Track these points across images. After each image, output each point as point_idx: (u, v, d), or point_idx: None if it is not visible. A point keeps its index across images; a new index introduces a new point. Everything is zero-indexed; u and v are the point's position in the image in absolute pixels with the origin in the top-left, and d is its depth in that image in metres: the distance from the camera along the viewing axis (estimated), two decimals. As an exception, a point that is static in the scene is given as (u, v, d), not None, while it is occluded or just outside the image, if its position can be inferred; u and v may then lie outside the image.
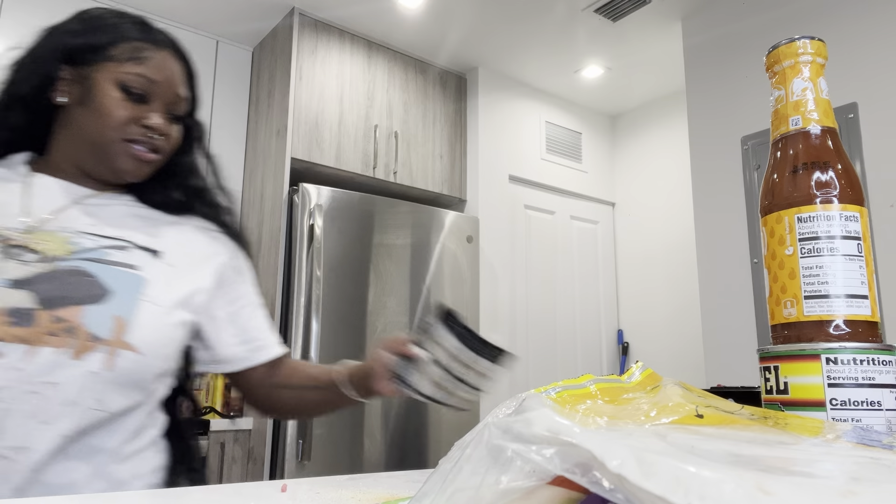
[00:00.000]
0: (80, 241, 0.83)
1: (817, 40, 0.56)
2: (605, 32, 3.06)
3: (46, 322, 0.75)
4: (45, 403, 0.73)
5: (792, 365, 0.51)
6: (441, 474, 0.30)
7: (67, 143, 0.89)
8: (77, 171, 0.90)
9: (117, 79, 0.86)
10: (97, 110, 0.85)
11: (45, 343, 0.74)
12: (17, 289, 0.75)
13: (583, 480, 0.24)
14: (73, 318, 0.76)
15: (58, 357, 0.74)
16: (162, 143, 0.90)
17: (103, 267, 0.82)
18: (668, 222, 3.54)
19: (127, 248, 0.86)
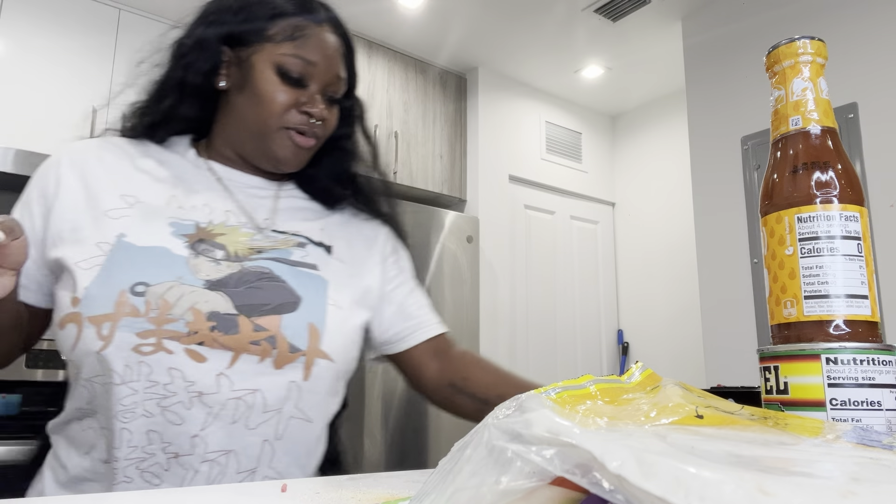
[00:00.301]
0: (260, 238, 0.82)
1: (817, 40, 0.56)
2: (605, 32, 3.06)
3: (248, 330, 0.73)
4: (249, 410, 0.72)
5: (792, 365, 0.51)
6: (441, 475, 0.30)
7: (229, 129, 0.86)
8: (238, 158, 0.88)
9: (274, 61, 0.82)
10: (256, 96, 0.82)
11: (248, 351, 0.73)
12: (213, 290, 0.74)
13: (583, 481, 0.24)
14: (273, 327, 0.75)
15: (260, 367, 0.73)
16: (320, 129, 0.86)
17: (289, 269, 0.80)
18: (668, 222, 3.54)
19: (304, 246, 0.84)
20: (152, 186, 0.81)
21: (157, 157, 0.86)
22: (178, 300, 0.71)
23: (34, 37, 2.52)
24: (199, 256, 0.76)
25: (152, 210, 0.79)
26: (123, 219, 0.76)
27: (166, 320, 0.70)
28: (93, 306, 0.70)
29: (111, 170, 0.81)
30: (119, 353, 0.69)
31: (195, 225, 0.79)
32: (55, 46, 2.55)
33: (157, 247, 0.75)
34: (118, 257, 0.73)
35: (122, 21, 2.70)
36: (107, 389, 0.70)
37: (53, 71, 2.53)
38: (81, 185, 0.80)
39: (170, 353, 0.70)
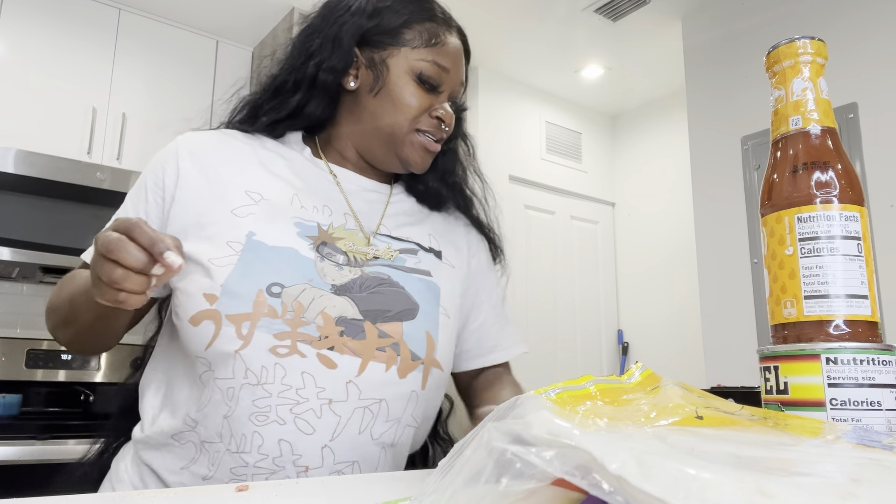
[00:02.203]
0: (377, 243, 0.82)
1: (817, 40, 0.56)
2: (605, 32, 3.06)
3: (374, 336, 0.73)
4: (374, 420, 0.72)
5: (792, 365, 0.51)
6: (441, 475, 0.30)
7: (353, 129, 0.86)
8: (359, 159, 0.88)
9: (412, 67, 0.82)
10: (391, 100, 0.82)
11: (375, 358, 0.72)
12: (339, 295, 0.74)
13: (583, 483, 0.24)
14: (396, 334, 0.75)
15: (387, 376, 0.73)
16: (445, 135, 0.87)
17: (405, 275, 0.80)
18: (668, 222, 3.54)
19: (416, 252, 0.85)
20: (275, 183, 0.81)
21: (277, 152, 0.85)
22: (310, 303, 0.71)
23: (34, 37, 2.52)
24: (325, 260, 0.76)
25: (277, 208, 0.78)
26: (250, 217, 0.76)
27: (300, 323, 0.70)
28: (231, 304, 0.69)
29: (232, 164, 0.81)
30: (257, 354, 0.68)
31: (318, 227, 0.79)
32: (55, 46, 2.55)
33: (287, 248, 0.75)
34: (251, 256, 0.72)
35: (122, 21, 2.70)
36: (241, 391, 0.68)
37: (53, 71, 2.53)
38: (204, 179, 0.79)
39: (303, 356, 0.69)
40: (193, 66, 2.87)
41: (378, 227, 0.84)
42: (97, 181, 2.40)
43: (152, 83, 2.73)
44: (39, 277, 2.49)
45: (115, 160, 2.57)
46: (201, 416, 0.71)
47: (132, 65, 2.70)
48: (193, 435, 0.72)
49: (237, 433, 0.69)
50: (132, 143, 2.62)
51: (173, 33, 2.82)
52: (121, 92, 2.65)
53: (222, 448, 0.69)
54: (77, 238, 2.34)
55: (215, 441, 0.70)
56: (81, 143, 2.53)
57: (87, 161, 2.47)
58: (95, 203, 2.39)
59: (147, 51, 2.74)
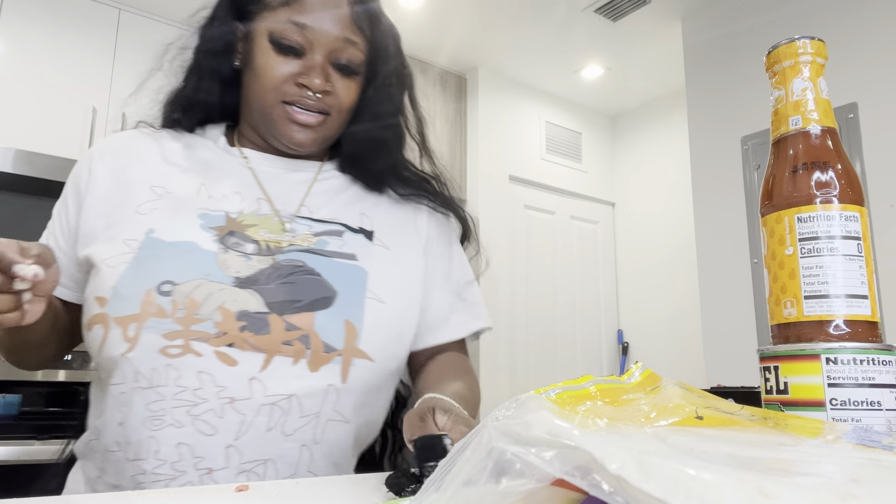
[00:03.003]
0: (294, 228, 0.76)
1: (817, 40, 0.56)
2: (605, 32, 3.06)
3: (280, 330, 0.68)
4: (285, 416, 0.67)
5: (792, 365, 0.51)
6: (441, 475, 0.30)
7: (248, 111, 0.81)
8: (264, 142, 0.82)
9: (268, 30, 0.75)
10: (255, 71, 0.76)
11: (281, 353, 0.68)
12: (243, 288, 0.69)
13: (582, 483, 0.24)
14: (306, 325, 0.69)
15: (295, 369, 0.68)
16: (328, 102, 0.77)
17: (324, 260, 0.74)
18: (668, 222, 3.54)
19: (342, 234, 0.78)
20: (181, 176, 0.78)
21: (188, 144, 0.82)
22: (205, 299, 0.67)
23: (34, 37, 2.52)
24: (229, 251, 0.71)
25: (181, 201, 0.75)
26: (153, 213, 0.73)
27: (194, 320, 0.67)
28: (119, 307, 0.67)
29: (141, 161, 0.78)
30: (145, 356, 0.65)
31: (225, 216, 0.74)
32: (55, 46, 2.55)
33: (186, 242, 0.71)
34: (146, 254, 0.69)
35: (122, 21, 2.70)
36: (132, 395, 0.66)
37: (53, 71, 2.53)
38: (112, 180, 0.77)
39: (199, 355, 0.66)
40: (193, 66, 2.87)
41: (298, 210, 0.79)
42: (97, 181, 2.40)
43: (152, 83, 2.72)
44: (39, 277, 2.48)
45: (115, 160, 2.56)
46: (101, 423, 0.69)
47: (132, 65, 2.70)
48: (98, 444, 0.70)
49: (133, 440, 0.66)
50: (132, 143, 2.62)
51: (173, 33, 2.82)
52: (121, 92, 2.65)
53: (121, 457, 0.67)
54: (77, 238, 2.34)
55: (114, 450, 0.67)
56: (81, 143, 2.52)
57: (87, 161, 2.47)
58: (95, 203, 2.39)
59: (147, 51, 2.73)
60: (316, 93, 0.76)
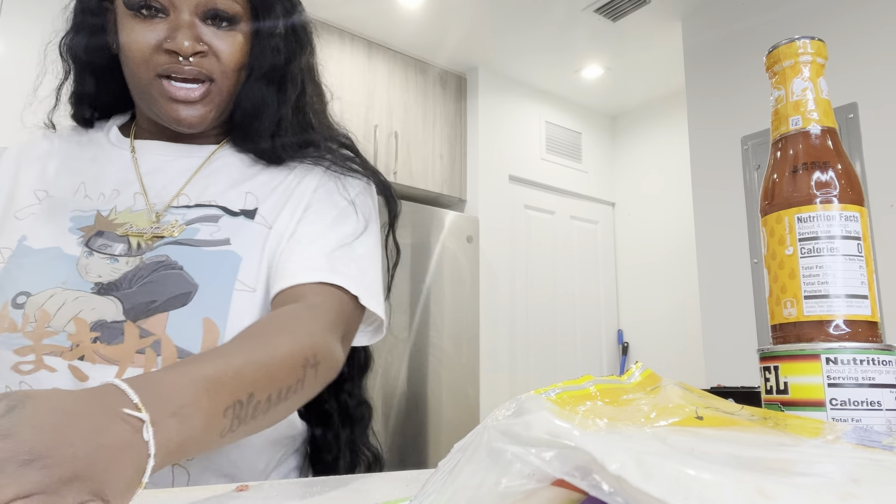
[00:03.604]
0: (168, 219, 0.69)
1: (817, 40, 0.56)
2: (605, 32, 3.06)
3: (134, 338, 0.62)
4: None
5: (792, 365, 0.51)
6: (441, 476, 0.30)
7: (133, 97, 0.73)
8: (157, 128, 0.74)
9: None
10: (122, 49, 0.67)
11: (133, 363, 0.61)
12: (103, 295, 0.63)
13: (582, 483, 0.24)
14: (158, 329, 0.62)
15: None
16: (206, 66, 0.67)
17: (191, 251, 0.67)
18: (668, 222, 3.54)
19: (218, 218, 0.70)
20: (63, 177, 0.73)
21: (80, 142, 0.77)
22: (58, 310, 0.62)
23: (34, 36, 2.52)
24: (94, 255, 0.65)
25: (58, 204, 0.70)
26: (29, 218, 0.69)
27: (46, 334, 0.61)
28: None
29: (30, 165, 0.74)
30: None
31: (95, 215, 0.68)
32: (55, 46, 2.55)
33: (51, 248, 0.66)
34: (13, 264, 0.65)
35: (122, 21, 2.70)
36: None
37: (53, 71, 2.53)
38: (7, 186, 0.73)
39: (52, 370, 0.61)
40: (193, 66, 2.87)
41: (175, 200, 0.71)
42: (97, 181, 2.40)
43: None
44: (39, 277, 2.48)
45: (115, 160, 2.57)
46: None
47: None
48: None
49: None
50: (132, 143, 2.62)
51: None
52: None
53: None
54: (77, 238, 2.34)
55: None
56: (81, 144, 2.53)
57: (87, 161, 2.47)
58: (95, 203, 2.39)
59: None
60: (188, 56, 0.66)
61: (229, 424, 0.47)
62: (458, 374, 2.93)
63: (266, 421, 0.53)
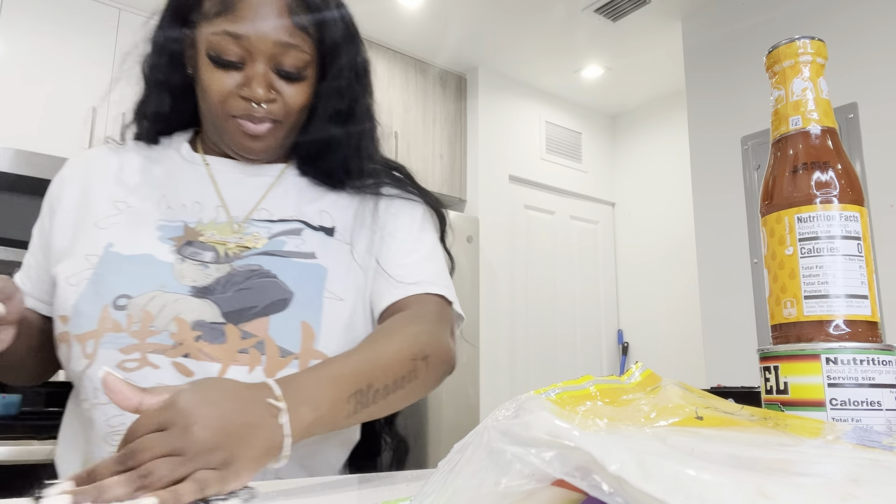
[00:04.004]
0: (251, 231, 0.75)
1: (817, 40, 0.56)
2: (605, 32, 3.06)
3: (236, 339, 0.67)
4: None
5: (792, 365, 0.51)
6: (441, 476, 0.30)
7: (203, 120, 0.80)
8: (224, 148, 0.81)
9: (205, 43, 0.72)
10: (200, 85, 0.74)
11: (236, 362, 0.66)
12: (200, 297, 0.68)
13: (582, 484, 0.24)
14: (261, 331, 0.68)
15: (250, 377, 0.66)
16: (275, 110, 0.74)
17: (281, 261, 0.73)
18: (668, 222, 3.54)
19: (301, 232, 0.76)
20: (142, 189, 0.78)
21: (150, 156, 0.82)
22: (160, 311, 0.67)
23: (34, 37, 2.52)
24: (186, 261, 0.71)
25: (141, 214, 0.75)
26: (113, 227, 0.73)
27: (149, 333, 0.66)
28: (79, 324, 0.67)
29: (104, 177, 0.79)
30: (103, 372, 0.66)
31: (183, 226, 0.74)
32: (55, 46, 2.55)
33: (143, 255, 0.70)
34: (104, 269, 0.69)
35: (122, 21, 2.70)
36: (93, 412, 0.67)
37: (53, 71, 2.53)
38: (79, 197, 0.77)
39: (156, 367, 0.65)
40: (193, 66, 2.87)
41: (255, 213, 0.77)
42: (97, 181, 2.40)
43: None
44: (39, 277, 2.48)
45: (115, 160, 2.57)
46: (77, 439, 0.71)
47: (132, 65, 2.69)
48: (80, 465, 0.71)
49: (96, 457, 0.66)
50: (132, 143, 2.62)
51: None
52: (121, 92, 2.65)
53: None
54: (77, 238, 2.34)
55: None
56: (81, 143, 2.52)
57: (87, 161, 2.47)
58: (95, 203, 2.39)
59: (147, 51, 2.74)
60: (260, 104, 0.73)
61: (353, 408, 0.60)
62: (458, 374, 2.93)
63: (387, 406, 0.64)
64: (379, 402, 0.63)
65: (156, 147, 0.83)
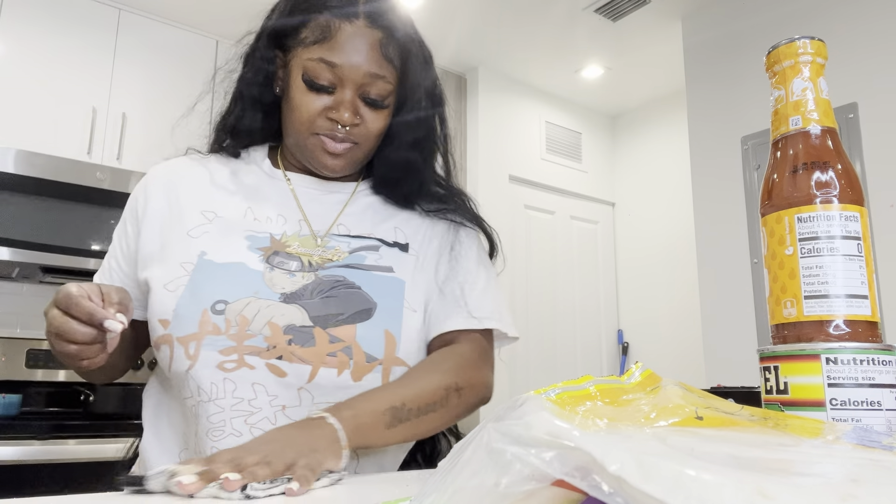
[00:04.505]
0: (332, 244, 0.82)
1: (817, 40, 0.56)
2: (605, 32, 3.06)
3: (324, 342, 0.73)
4: None
5: (792, 365, 0.51)
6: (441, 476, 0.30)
7: (286, 136, 0.86)
8: (302, 165, 0.87)
9: (301, 68, 0.79)
10: (290, 105, 0.81)
11: (326, 364, 0.73)
12: (289, 303, 0.74)
13: (582, 484, 0.24)
14: (349, 337, 0.74)
15: (339, 380, 0.73)
16: (356, 133, 0.81)
17: (363, 274, 0.79)
18: (668, 222, 3.54)
19: (378, 248, 0.83)
20: (229, 200, 0.83)
21: (234, 169, 0.87)
22: (255, 315, 0.73)
23: (34, 37, 2.52)
24: (275, 270, 0.77)
25: (230, 224, 0.80)
26: (204, 236, 0.78)
27: (246, 336, 0.72)
28: (181, 327, 0.72)
29: (192, 187, 0.84)
30: (205, 371, 0.71)
31: (269, 237, 0.80)
32: (55, 46, 2.55)
33: (235, 263, 0.76)
34: (200, 276, 0.75)
35: (122, 21, 2.70)
36: (198, 409, 0.72)
37: (53, 71, 2.53)
38: (167, 205, 0.82)
39: (252, 368, 0.71)
40: (193, 66, 2.87)
41: (332, 228, 0.84)
42: (97, 181, 2.40)
43: (152, 83, 2.73)
44: (39, 277, 2.49)
45: (115, 160, 2.57)
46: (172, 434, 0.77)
47: (132, 65, 2.70)
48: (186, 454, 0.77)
49: (199, 451, 0.72)
50: (132, 143, 2.62)
51: (173, 33, 2.82)
52: (121, 92, 2.65)
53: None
54: (77, 238, 2.34)
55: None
56: (81, 143, 2.53)
57: (87, 161, 2.47)
58: (95, 203, 2.39)
59: (147, 51, 2.74)
60: (345, 126, 0.80)
61: (389, 420, 0.68)
62: (458, 374, 2.92)
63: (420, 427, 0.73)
64: (412, 421, 0.71)
65: (233, 160, 0.89)
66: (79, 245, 2.35)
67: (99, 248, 2.38)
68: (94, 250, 2.37)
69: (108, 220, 2.41)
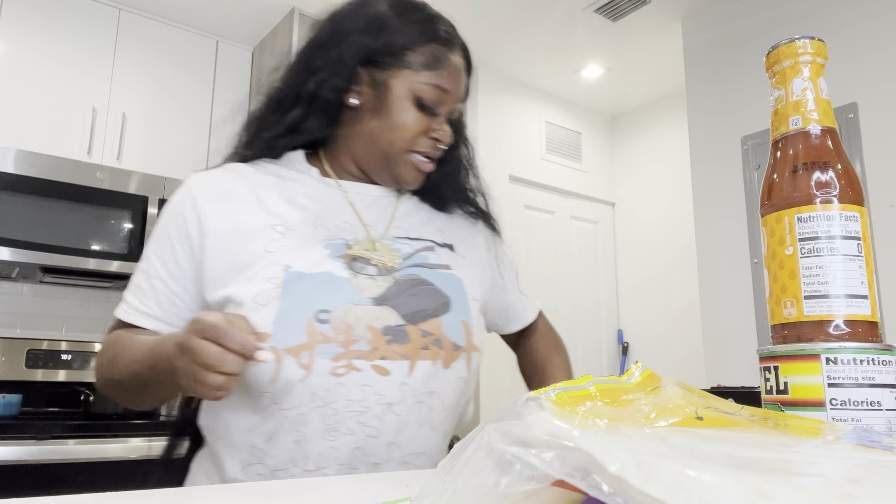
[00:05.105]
0: (399, 248, 0.86)
1: (817, 40, 0.56)
2: (605, 32, 3.06)
3: (418, 337, 0.79)
4: (430, 411, 0.80)
5: (792, 365, 0.51)
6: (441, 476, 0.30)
7: (353, 145, 0.88)
8: (360, 172, 0.90)
9: (413, 90, 0.83)
10: (390, 120, 0.84)
11: (421, 357, 0.79)
12: (380, 305, 0.79)
13: (582, 484, 0.24)
14: (437, 330, 0.81)
15: (433, 369, 0.79)
16: (442, 151, 0.88)
17: (431, 272, 0.85)
18: (668, 222, 3.54)
19: (434, 249, 0.89)
20: (295, 212, 0.84)
21: (284, 178, 0.87)
22: (356, 321, 0.77)
23: (34, 37, 2.52)
24: (359, 275, 0.80)
25: (304, 236, 0.82)
26: (282, 250, 0.80)
27: (352, 341, 0.76)
28: (287, 338, 0.74)
29: (250, 202, 0.83)
30: (320, 379, 0.74)
31: (344, 244, 0.83)
32: (55, 46, 2.55)
33: (323, 272, 0.79)
34: (293, 288, 0.76)
35: (122, 21, 2.70)
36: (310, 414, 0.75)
37: (53, 71, 2.53)
38: (227, 223, 0.81)
39: (358, 371, 0.76)
40: (193, 66, 2.87)
41: (394, 232, 0.88)
42: (97, 181, 2.40)
43: (152, 83, 2.73)
44: (39, 277, 2.49)
45: (115, 160, 2.57)
46: (269, 446, 0.76)
47: (132, 65, 2.70)
48: (261, 467, 0.76)
49: (312, 453, 0.75)
50: (132, 143, 2.62)
51: (173, 33, 2.82)
52: (121, 92, 2.65)
53: (298, 471, 0.75)
54: (77, 238, 2.34)
55: (288, 467, 0.75)
56: (81, 143, 2.53)
57: (87, 161, 2.47)
58: (95, 203, 2.39)
59: (147, 51, 2.74)
60: (446, 144, 0.87)
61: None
62: (458, 374, 2.92)
63: None
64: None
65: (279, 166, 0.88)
66: (79, 245, 2.35)
67: (99, 248, 2.38)
68: (94, 250, 2.37)
69: (108, 220, 2.41)
